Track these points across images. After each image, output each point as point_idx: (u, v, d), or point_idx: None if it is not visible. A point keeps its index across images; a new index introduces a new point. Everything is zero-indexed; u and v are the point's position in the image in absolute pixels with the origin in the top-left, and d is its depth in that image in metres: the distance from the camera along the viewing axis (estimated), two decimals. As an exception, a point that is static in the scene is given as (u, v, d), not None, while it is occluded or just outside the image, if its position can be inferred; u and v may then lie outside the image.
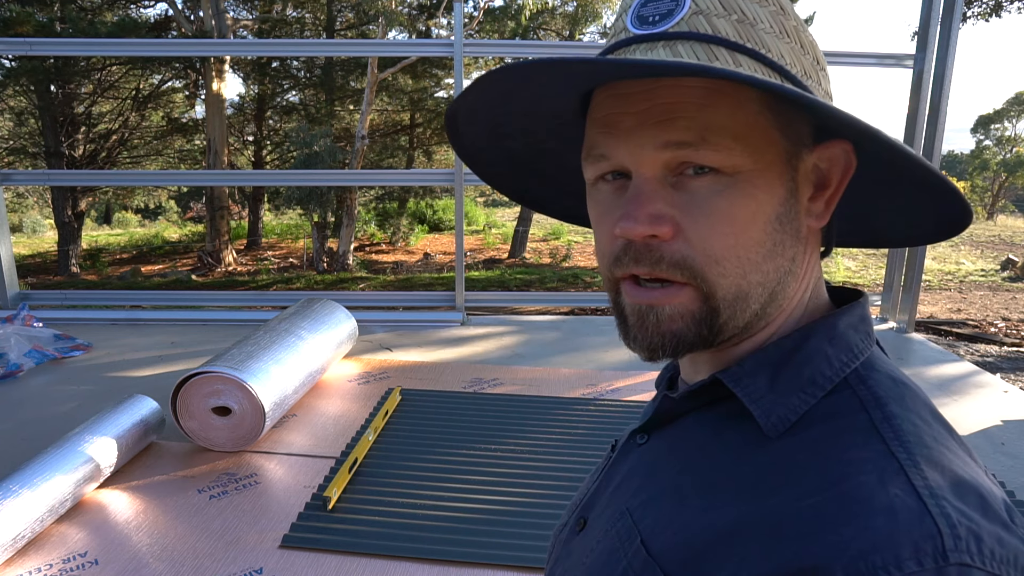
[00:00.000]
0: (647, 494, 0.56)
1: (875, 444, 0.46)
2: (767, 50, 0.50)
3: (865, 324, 0.56)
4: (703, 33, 0.49)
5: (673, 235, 0.50)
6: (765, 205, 0.50)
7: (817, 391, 0.51)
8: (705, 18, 0.49)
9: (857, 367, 0.52)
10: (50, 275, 13.89)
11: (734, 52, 0.49)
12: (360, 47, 11.11)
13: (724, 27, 0.49)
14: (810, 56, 0.52)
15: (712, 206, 0.50)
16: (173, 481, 2.41)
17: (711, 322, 0.52)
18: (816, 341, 0.53)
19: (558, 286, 11.80)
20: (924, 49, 4.25)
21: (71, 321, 4.33)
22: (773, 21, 0.50)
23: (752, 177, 0.50)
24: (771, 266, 0.52)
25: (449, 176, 4.55)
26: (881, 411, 0.49)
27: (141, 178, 13.37)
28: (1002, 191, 30.08)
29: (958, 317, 7.93)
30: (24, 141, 15.72)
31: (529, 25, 15.16)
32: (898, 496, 0.43)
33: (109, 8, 15.06)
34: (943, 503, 0.43)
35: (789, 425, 0.50)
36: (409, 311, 4.73)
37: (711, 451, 0.53)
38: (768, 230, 0.51)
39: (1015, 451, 2.75)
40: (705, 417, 0.56)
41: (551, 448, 2.68)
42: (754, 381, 0.53)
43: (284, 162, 17.53)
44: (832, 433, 0.48)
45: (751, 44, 0.49)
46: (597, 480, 0.66)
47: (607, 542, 0.56)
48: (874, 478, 0.44)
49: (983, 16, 12.25)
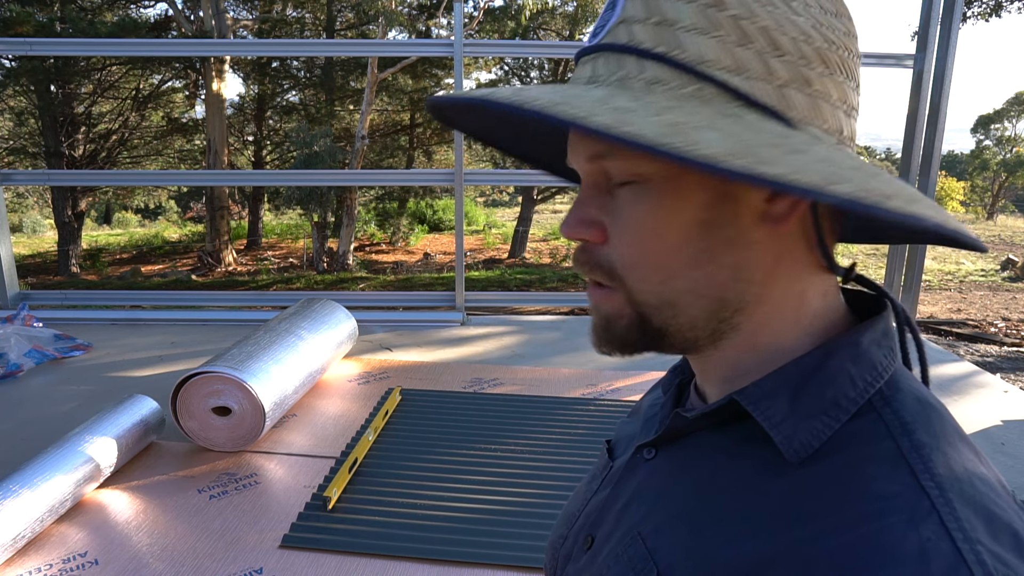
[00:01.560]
0: (659, 519, 0.54)
1: (903, 476, 0.44)
2: (681, 50, 0.47)
3: (888, 339, 0.53)
4: (617, 44, 0.49)
5: (603, 240, 0.52)
6: (679, 212, 0.49)
7: (841, 414, 0.49)
8: (627, 26, 0.49)
9: (881, 387, 0.50)
10: (50, 275, 13.89)
11: (642, 60, 0.48)
12: (360, 47, 11.11)
13: (640, 34, 0.48)
14: (757, 44, 0.47)
15: (628, 214, 0.50)
16: (173, 481, 2.41)
17: (645, 325, 0.52)
18: (838, 360, 0.50)
19: (558, 286, 11.80)
20: (924, 49, 4.25)
21: (71, 321, 4.33)
22: (699, 16, 0.47)
23: (662, 184, 0.49)
24: (699, 274, 0.50)
25: (449, 176, 4.55)
26: (909, 439, 0.46)
27: (141, 178, 13.38)
28: (1002, 191, 30.08)
29: (958, 317, 7.94)
30: (24, 141, 15.73)
31: (529, 25, 15.17)
32: (930, 540, 0.41)
33: (109, 8, 15.06)
34: (978, 548, 0.41)
35: (812, 451, 0.48)
36: (409, 311, 4.73)
37: (728, 478, 0.51)
38: (687, 237, 0.49)
39: (1015, 451, 2.75)
40: (719, 438, 0.54)
41: (551, 448, 2.68)
42: (774, 403, 0.50)
43: (284, 162, 17.53)
44: (857, 462, 0.46)
45: (662, 48, 0.48)
46: (597, 491, 0.64)
47: (619, 568, 0.55)
48: (904, 518, 0.42)
49: (983, 16, 12.25)
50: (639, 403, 0.76)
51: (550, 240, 18.50)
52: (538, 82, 19.12)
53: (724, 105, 0.46)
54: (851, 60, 0.50)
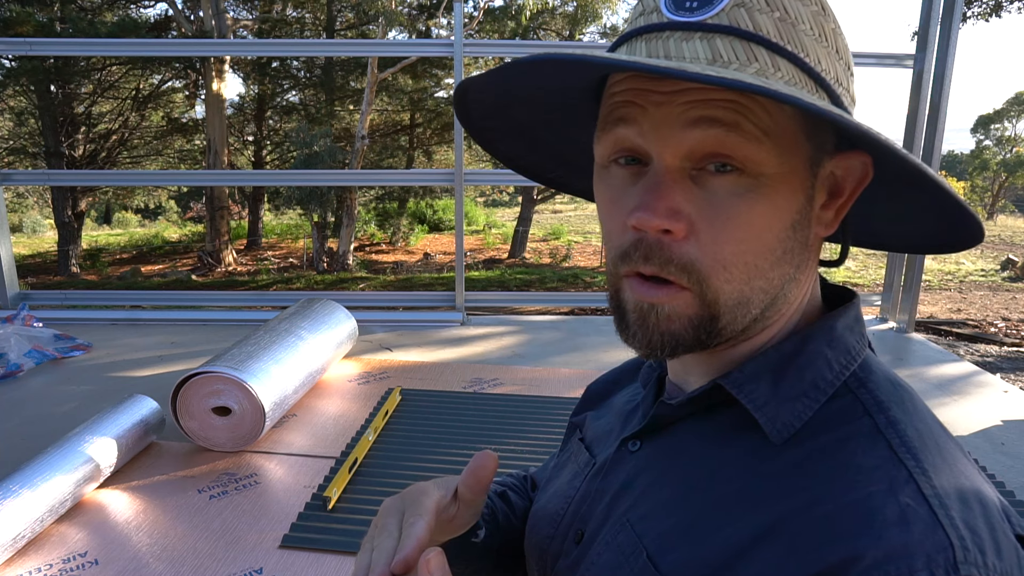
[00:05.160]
0: (648, 506, 0.55)
1: (881, 450, 0.46)
2: (806, 54, 0.47)
3: (859, 325, 0.55)
4: (743, 29, 0.46)
5: (686, 234, 0.47)
6: (784, 212, 0.48)
7: (820, 396, 0.50)
8: (747, 11, 0.46)
9: (855, 370, 0.52)
10: (50, 275, 13.89)
11: (773, 54, 0.46)
12: (360, 47, 11.12)
13: (765, 24, 0.46)
14: (843, 61, 0.50)
15: (731, 209, 0.47)
16: (173, 481, 2.41)
17: (709, 326, 0.50)
18: (815, 344, 0.52)
19: (558, 286, 11.80)
20: (924, 49, 4.25)
21: (71, 321, 4.33)
22: (814, 22, 0.47)
23: (775, 182, 0.47)
24: (777, 273, 0.50)
25: (449, 176, 4.55)
26: (884, 415, 0.48)
27: (141, 178, 13.38)
28: (1002, 191, 30.09)
29: (958, 317, 7.94)
30: (24, 141, 15.73)
31: (529, 25, 15.16)
32: (909, 506, 0.43)
33: (109, 8, 15.06)
34: (952, 513, 0.43)
35: (794, 432, 0.49)
36: (409, 311, 4.73)
37: (715, 463, 0.52)
38: (782, 237, 0.49)
39: (1015, 451, 2.75)
40: (703, 425, 0.55)
41: (551, 448, 2.68)
42: (757, 387, 0.51)
43: (284, 162, 17.54)
44: (838, 440, 0.48)
45: (791, 46, 0.46)
46: (580, 488, 0.64)
47: (609, 555, 0.55)
48: (884, 487, 0.44)
49: (983, 16, 12.24)
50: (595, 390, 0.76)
51: (550, 240, 18.50)
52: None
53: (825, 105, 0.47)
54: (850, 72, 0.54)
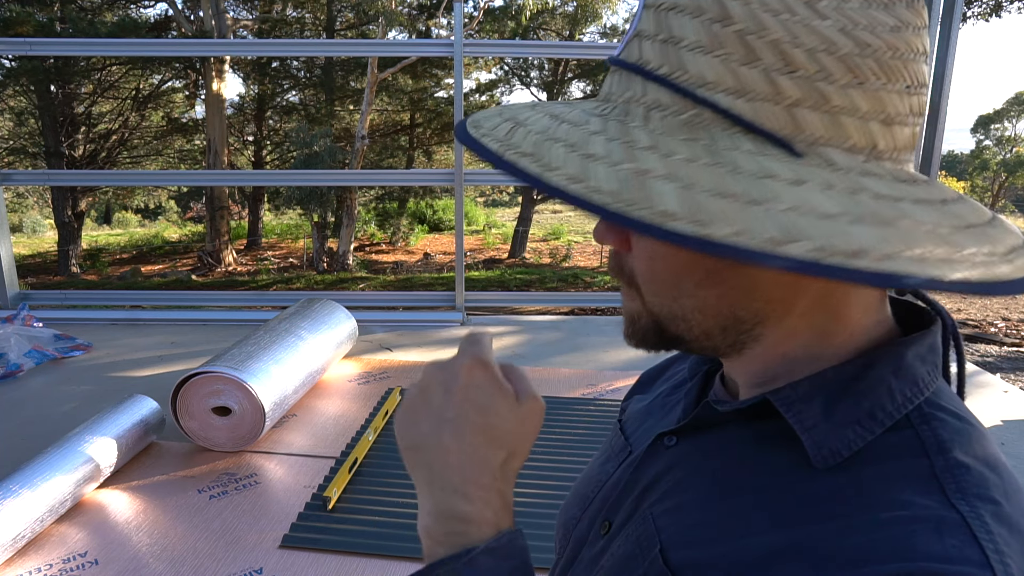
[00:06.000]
0: (672, 502, 0.54)
1: (934, 494, 0.43)
2: (683, 72, 0.44)
3: (934, 355, 0.51)
4: (627, 62, 0.47)
5: (628, 249, 0.52)
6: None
7: (876, 427, 0.47)
8: (639, 42, 0.47)
9: (921, 403, 0.48)
10: (50, 275, 13.90)
11: (646, 81, 0.45)
12: (360, 47, 11.13)
13: (648, 52, 0.46)
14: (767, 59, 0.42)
15: None
16: (173, 481, 2.41)
17: (662, 332, 0.53)
18: (879, 371, 0.49)
19: (558, 286, 11.81)
20: (924, 49, 4.25)
21: (71, 321, 4.32)
22: (704, 32, 0.43)
23: None
24: (707, 293, 0.49)
25: (449, 176, 4.55)
26: (944, 458, 0.45)
27: (141, 178, 13.38)
28: (1002, 191, 30.09)
29: (958, 317, 7.93)
30: (24, 141, 15.74)
31: (529, 25, 15.17)
32: (955, 547, 0.39)
33: (109, 8, 15.07)
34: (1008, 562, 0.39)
35: (841, 460, 0.47)
36: (409, 311, 4.73)
37: (751, 471, 0.51)
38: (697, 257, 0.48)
39: (1015, 451, 2.75)
40: (746, 431, 0.54)
41: (551, 448, 2.68)
42: (808, 407, 0.49)
43: (284, 162, 17.55)
44: (887, 476, 0.45)
45: (664, 69, 0.45)
46: (613, 474, 0.64)
47: (626, 547, 0.55)
48: (931, 526, 0.41)
49: (983, 16, 12.25)
50: (649, 374, 0.76)
51: (550, 240, 18.51)
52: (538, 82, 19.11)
53: (720, 132, 0.43)
54: (896, 60, 0.43)
